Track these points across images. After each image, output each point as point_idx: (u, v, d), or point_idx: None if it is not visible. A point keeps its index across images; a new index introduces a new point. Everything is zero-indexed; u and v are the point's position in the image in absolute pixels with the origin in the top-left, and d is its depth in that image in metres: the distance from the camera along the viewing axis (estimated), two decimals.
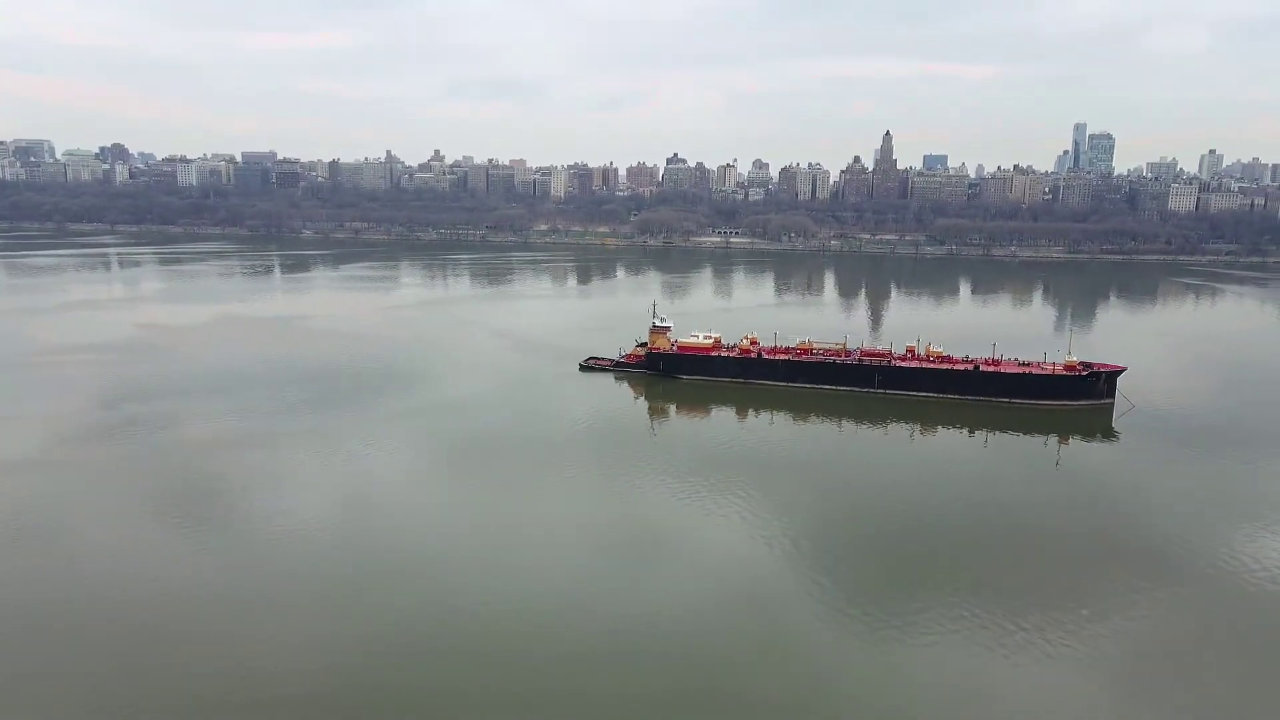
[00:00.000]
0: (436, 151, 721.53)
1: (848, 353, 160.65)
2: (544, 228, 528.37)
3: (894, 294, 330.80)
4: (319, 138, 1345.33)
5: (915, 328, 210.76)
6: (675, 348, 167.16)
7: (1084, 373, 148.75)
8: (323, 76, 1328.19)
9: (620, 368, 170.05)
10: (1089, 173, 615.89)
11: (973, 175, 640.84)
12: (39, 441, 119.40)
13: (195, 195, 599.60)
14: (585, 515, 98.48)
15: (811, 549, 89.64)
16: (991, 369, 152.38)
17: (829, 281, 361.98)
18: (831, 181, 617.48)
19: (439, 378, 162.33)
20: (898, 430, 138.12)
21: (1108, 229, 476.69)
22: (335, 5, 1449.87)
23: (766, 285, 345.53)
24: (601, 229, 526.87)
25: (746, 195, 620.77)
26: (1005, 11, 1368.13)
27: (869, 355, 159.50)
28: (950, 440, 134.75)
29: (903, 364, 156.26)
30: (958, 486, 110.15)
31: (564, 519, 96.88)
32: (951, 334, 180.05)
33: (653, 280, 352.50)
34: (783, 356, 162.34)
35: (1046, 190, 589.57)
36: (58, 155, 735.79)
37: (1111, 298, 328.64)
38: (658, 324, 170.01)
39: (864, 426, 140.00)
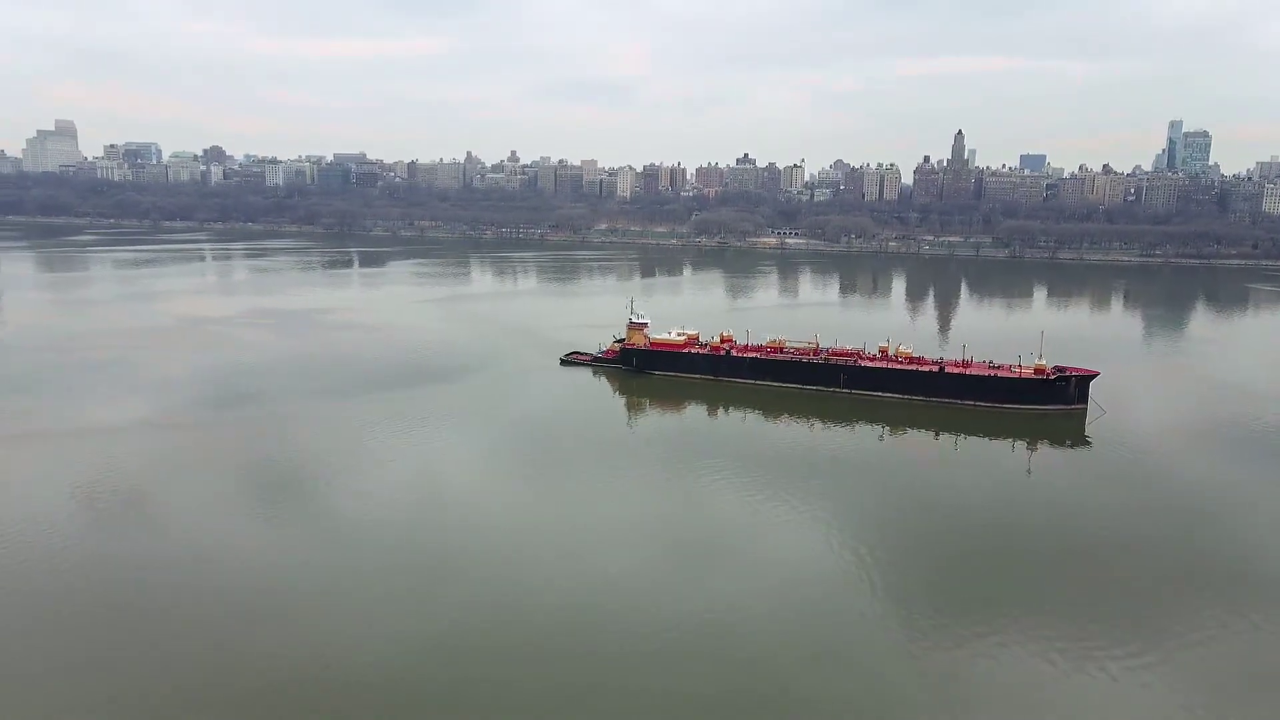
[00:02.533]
0: (512, 152, 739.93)
1: (817, 352, 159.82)
2: (603, 227, 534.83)
3: (926, 297, 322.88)
4: (409, 140, 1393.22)
5: (920, 330, 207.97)
6: (648, 344, 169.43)
7: (1053, 376, 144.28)
8: (414, 80, 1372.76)
9: (598, 363, 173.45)
10: (1177, 173, 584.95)
11: (1068, 175, 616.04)
12: (133, 418, 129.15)
13: (280, 195, 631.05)
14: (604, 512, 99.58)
15: (854, 553, 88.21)
16: (958, 371, 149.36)
17: (866, 283, 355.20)
18: (904, 182, 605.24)
19: (438, 372, 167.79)
20: (865, 431, 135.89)
21: (1188, 232, 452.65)
22: (426, 11, 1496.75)
23: (796, 286, 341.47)
24: (660, 229, 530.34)
25: (812, 196, 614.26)
26: (1104, 5, 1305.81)
27: (836, 355, 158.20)
28: (917, 441, 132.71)
29: (867, 364, 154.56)
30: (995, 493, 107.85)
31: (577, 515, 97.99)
32: (958, 337, 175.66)
33: (688, 280, 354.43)
34: (751, 355, 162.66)
35: (1130, 191, 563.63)
36: (164, 157, 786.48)
37: (1154, 303, 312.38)
38: (634, 320, 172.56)
39: (831, 426, 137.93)
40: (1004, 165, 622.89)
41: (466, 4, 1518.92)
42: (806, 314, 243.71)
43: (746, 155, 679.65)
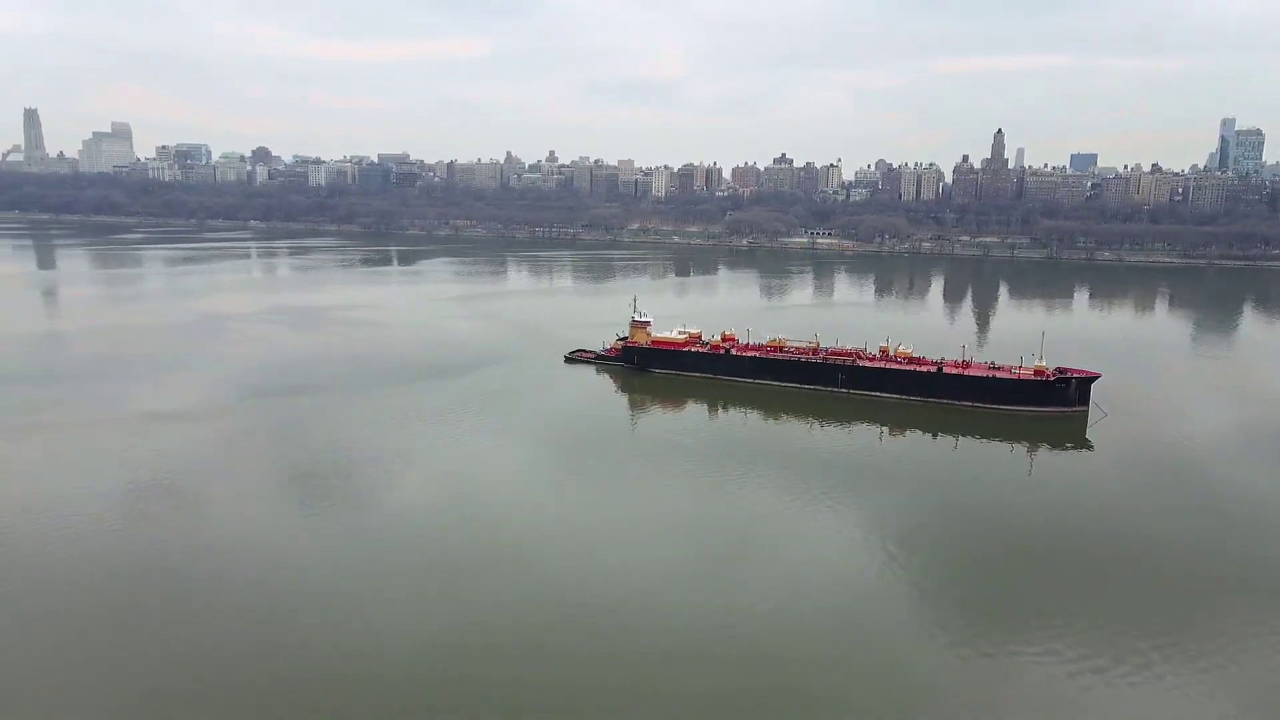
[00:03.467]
0: (551, 152, 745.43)
1: (816, 351, 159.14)
2: (635, 227, 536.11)
3: (945, 297, 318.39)
4: (452, 140, 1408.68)
5: (931, 330, 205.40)
6: (650, 343, 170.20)
7: (1053, 378, 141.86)
8: (459, 81, 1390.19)
9: (601, 360, 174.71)
10: (1226, 172, 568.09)
11: (1120, 173, 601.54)
12: (168, 409, 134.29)
13: (322, 195, 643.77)
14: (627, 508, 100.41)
15: (880, 554, 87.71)
16: (956, 371, 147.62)
17: (888, 283, 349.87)
18: (947, 182, 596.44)
19: (442, 369, 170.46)
20: (863, 431, 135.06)
21: (1233, 232, 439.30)
22: (473, 13, 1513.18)
23: (816, 286, 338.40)
24: (692, 229, 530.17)
25: (848, 196, 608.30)
26: (1160, 1, 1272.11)
27: (835, 355, 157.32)
28: (916, 441, 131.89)
29: (865, 364, 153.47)
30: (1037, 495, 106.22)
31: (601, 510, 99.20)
32: (968, 338, 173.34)
33: (708, 280, 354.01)
34: (750, 354, 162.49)
35: (1177, 191, 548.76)
36: (214, 158, 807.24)
37: (1190, 305, 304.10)
38: (637, 319, 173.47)
39: (830, 426, 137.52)
40: (1046, 164, 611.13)
41: (512, 6, 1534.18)
42: (817, 314, 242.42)
43: (784, 155, 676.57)
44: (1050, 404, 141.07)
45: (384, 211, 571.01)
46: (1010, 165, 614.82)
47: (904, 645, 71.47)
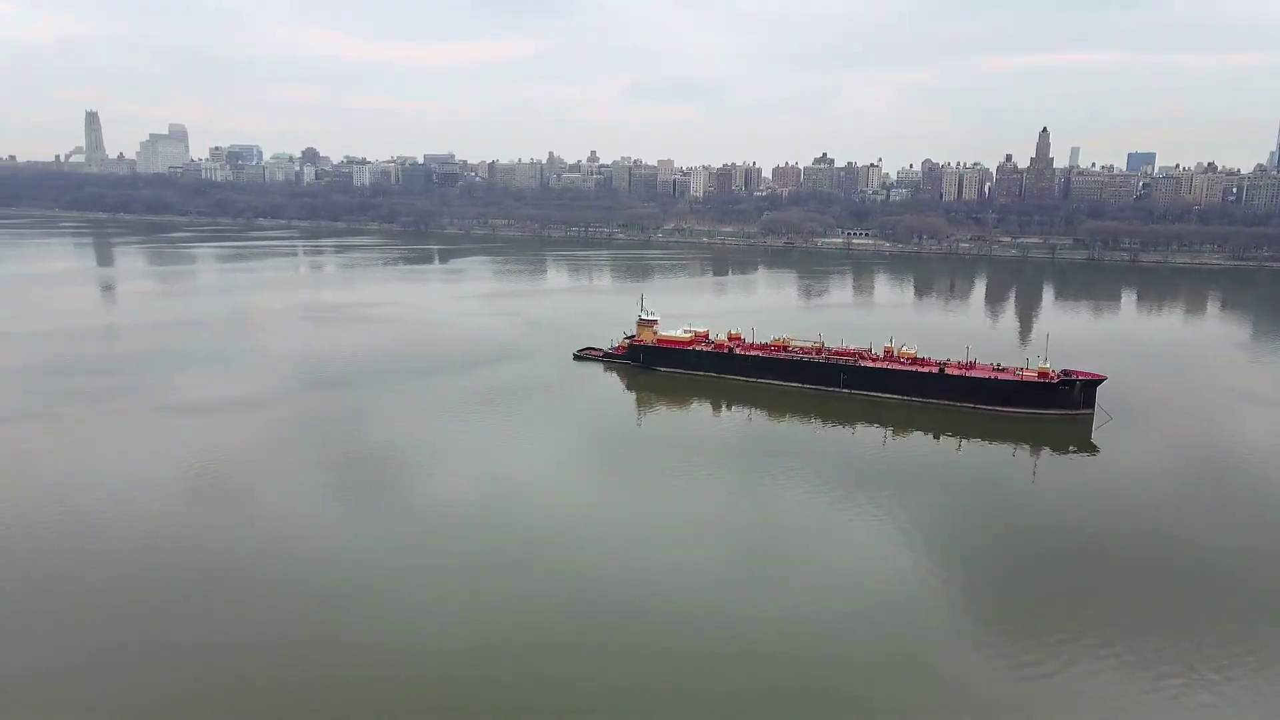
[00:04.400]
0: (592, 153, 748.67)
1: (819, 351, 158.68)
2: (670, 227, 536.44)
3: (969, 298, 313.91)
4: (497, 141, 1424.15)
5: (945, 331, 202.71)
6: (655, 341, 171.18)
7: (1056, 380, 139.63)
8: (506, 82, 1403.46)
9: (608, 358, 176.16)
10: None
11: (1171, 173, 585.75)
12: (221, 398, 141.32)
13: (365, 194, 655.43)
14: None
15: (919, 557, 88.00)
16: (957, 372, 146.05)
17: (915, 283, 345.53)
18: (988, 182, 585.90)
19: (453, 365, 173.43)
20: (867, 433, 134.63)
21: None
22: (521, 15, 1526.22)
23: (839, 286, 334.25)
24: (727, 229, 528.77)
25: (888, 195, 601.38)
26: None
27: (838, 355, 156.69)
28: (919, 442, 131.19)
29: (867, 364, 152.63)
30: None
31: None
32: (983, 339, 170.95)
33: (734, 281, 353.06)
34: (753, 353, 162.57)
35: (1230, 191, 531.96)
36: (265, 159, 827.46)
37: (1236, 307, 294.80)
38: (644, 317, 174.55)
39: (834, 426, 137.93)
40: (1095, 164, 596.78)
41: (559, 8, 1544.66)
42: (835, 314, 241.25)
43: (825, 155, 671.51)
44: (1053, 406, 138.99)
45: (424, 211, 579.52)
46: (1065, 165, 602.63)
47: (943, 649, 71.15)
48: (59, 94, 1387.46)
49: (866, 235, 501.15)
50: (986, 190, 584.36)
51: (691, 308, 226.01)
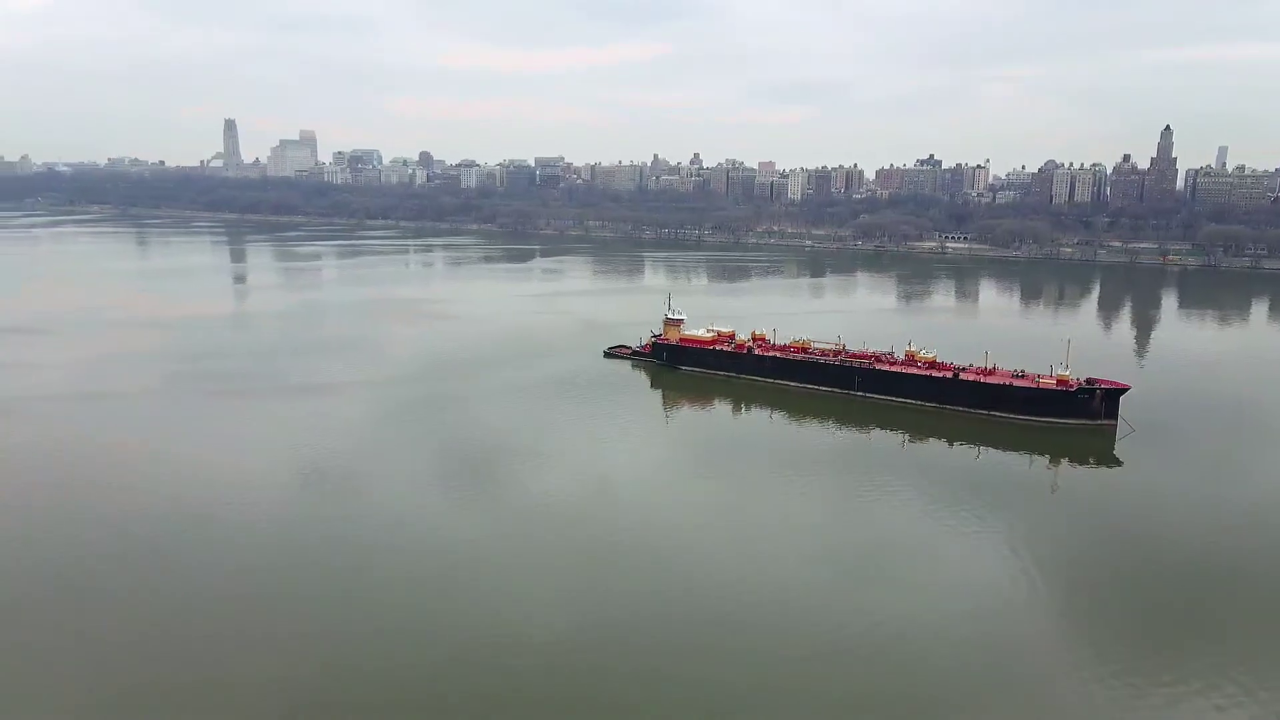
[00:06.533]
0: (696, 155, 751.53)
1: (837, 354, 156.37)
2: (761, 229, 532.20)
3: (1033, 305, 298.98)
4: (607, 143, 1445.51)
5: (983, 338, 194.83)
6: (679, 340, 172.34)
7: (1074, 388, 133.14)
8: (621, 86, 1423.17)
9: (636, 356, 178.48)
10: None
11: None
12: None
13: (471, 196, 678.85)
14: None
15: (1020, 572, 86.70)
16: (972, 378, 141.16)
17: (989, 290, 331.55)
18: (1106, 185, 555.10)
19: (493, 361, 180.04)
20: (882, 436, 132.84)
21: None
22: (640, 20, 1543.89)
23: (902, 290, 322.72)
24: (819, 232, 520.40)
25: (994, 198, 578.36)
26: None
27: (854, 357, 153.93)
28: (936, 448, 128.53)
29: (882, 368, 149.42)
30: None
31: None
32: (1028, 346, 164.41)
33: (800, 284, 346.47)
34: (771, 354, 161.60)
35: None
36: (385, 162, 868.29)
37: None
38: (671, 317, 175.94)
39: (848, 429, 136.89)
40: (1241, 166, 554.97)
41: (674, 11, 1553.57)
42: (879, 318, 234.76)
43: (931, 156, 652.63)
44: (1071, 415, 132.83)
45: (523, 212, 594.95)
46: (1211, 165, 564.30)
47: (1043, 664, 70.48)
48: (205, 102, 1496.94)
49: (964, 239, 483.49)
50: (1105, 192, 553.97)
51: (734, 309, 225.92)
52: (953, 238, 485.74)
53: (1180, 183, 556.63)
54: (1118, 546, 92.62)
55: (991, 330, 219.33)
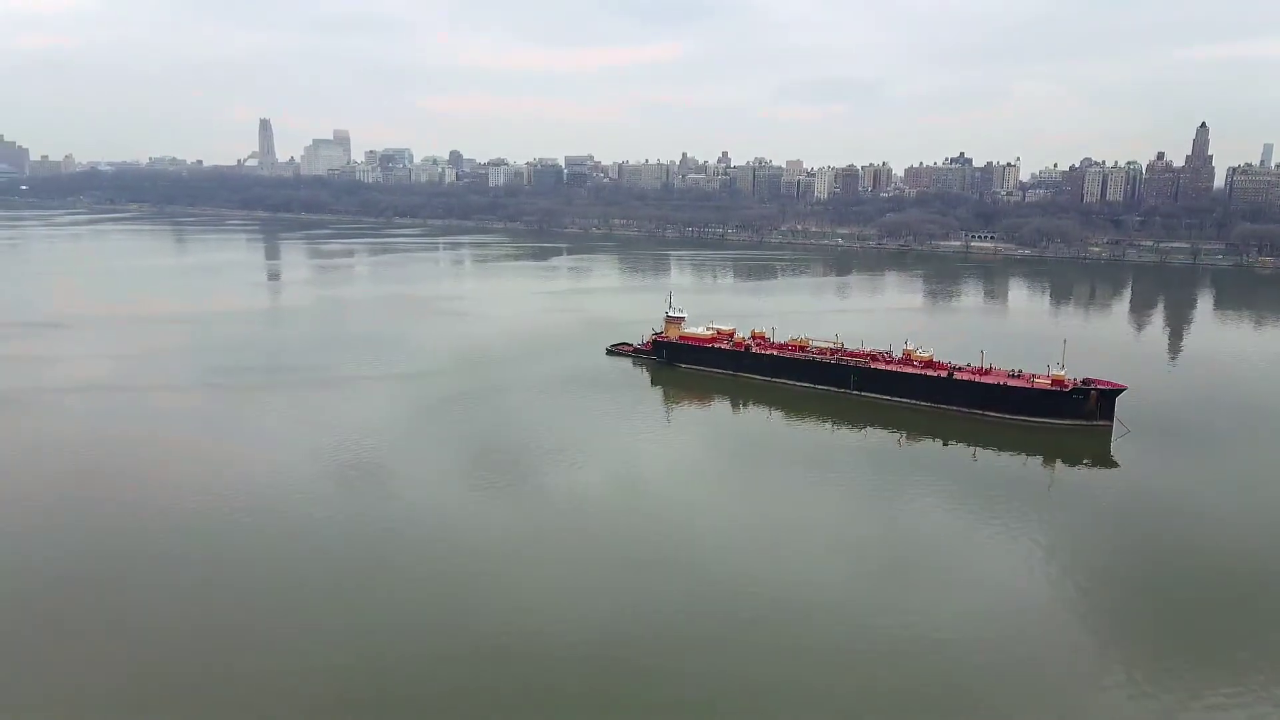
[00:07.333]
0: (724, 153, 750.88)
1: (834, 352, 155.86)
2: (785, 228, 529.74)
3: (1039, 303, 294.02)
4: (636, 141, 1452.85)
5: (1000, 337, 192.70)
6: (678, 338, 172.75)
7: (1069, 389, 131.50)
8: (653, 84, 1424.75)
9: (637, 354, 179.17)
10: None
11: None
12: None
13: (498, 194, 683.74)
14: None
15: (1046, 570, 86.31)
16: (967, 378, 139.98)
17: (988, 289, 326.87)
18: (1139, 182, 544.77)
19: (495, 359, 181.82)
20: (878, 436, 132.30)
21: None
22: (671, 19, 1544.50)
23: (915, 289, 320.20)
24: (844, 231, 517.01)
25: (1023, 196, 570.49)
26: None
27: (850, 356, 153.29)
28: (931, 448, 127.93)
29: (878, 367, 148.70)
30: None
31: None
32: (1032, 348, 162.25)
33: (809, 283, 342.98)
34: (769, 353, 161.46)
35: None
36: (416, 161, 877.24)
37: None
38: (671, 314, 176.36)
39: (844, 428, 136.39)
40: (1245, 163, 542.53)
41: (706, 9, 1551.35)
42: (884, 317, 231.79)
43: (961, 154, 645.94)
44: (1065, 416, 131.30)
45: (548, 210, 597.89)
46: (1258, 164, 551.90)
47: (1070, 666, 69.77)
48: (244, 102, 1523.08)
49: (990, 239, 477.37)
50: (1139, 191, 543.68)
51: (742, 309, 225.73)
52: (979, 237, 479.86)
53: (1219, 181, 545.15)
54: (1118, 546, 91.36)
55: (996, 330, 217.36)
